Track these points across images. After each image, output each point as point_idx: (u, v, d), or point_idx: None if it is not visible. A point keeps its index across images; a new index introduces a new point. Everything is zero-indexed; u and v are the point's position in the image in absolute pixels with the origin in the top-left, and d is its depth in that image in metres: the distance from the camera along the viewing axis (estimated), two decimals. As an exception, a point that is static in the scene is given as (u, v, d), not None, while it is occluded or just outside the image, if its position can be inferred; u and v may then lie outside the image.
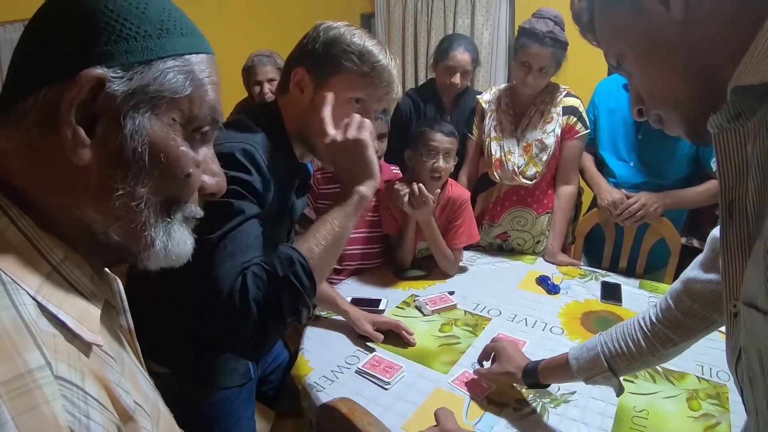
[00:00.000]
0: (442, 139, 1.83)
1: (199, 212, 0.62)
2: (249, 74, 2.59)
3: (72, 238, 0.53)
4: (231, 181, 0.98)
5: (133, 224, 0.54)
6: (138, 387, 0.58)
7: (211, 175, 0.61)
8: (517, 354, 1.28)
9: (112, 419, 0.48)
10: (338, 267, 2.02)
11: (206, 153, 0.60)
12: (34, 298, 0.46)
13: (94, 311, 0.53)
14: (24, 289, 0.46)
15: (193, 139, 0.57)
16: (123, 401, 0.51)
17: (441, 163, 1.83)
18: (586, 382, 1.13)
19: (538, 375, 1.20)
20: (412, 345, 1.53)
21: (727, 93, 0.54)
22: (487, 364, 1.35)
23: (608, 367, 1.08)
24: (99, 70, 0.49)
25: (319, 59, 1.13)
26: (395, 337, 1.56)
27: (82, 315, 0.50)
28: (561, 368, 1.16)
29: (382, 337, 1.55)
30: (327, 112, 1.12)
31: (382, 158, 2.05)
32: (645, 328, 1.06)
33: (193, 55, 0.56)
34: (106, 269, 0.62)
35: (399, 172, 2.14)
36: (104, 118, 0.51)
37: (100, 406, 0.47)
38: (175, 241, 0.58)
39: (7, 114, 0.51)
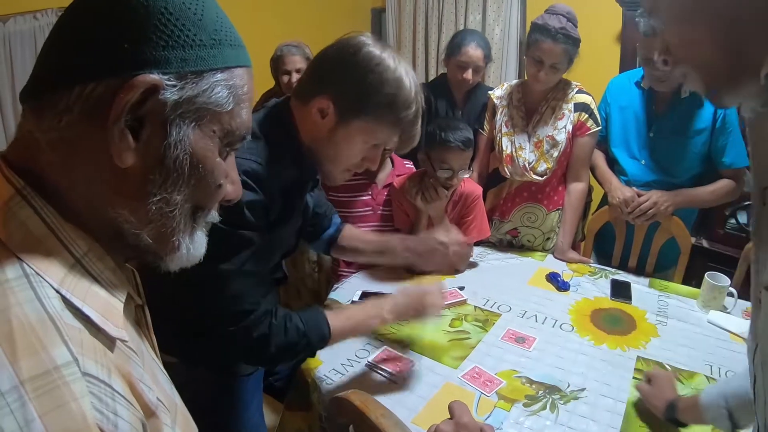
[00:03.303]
0: (459, 156, 1.81)
1: (217, 217, 0.63)
2: (277, 64, 2.61)
3: (96, 232, 0.52)
4: (241, 207, 1.06)
5: (164, 228, 0.55)
6: (157, 382, 0.58)
7: (231, 183, 0.62)
8: (668, 389, 1.25)
9: (137, 415, 0.47)
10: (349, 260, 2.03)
11: (230, 161, 0.61)
12: (57, 291, 0.45)
13: (117, 305, 0.52)
14: (47, 282, 0.45)
15: (224, 150, 0.58)
16: (146, 397, 0.50)
17: (455, 180, 1.83)
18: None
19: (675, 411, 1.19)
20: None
21: (752, 68, 0.55)
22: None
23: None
24: (155, 76, 0.48)
25: (349, 98, 1.10)
26: (406, 331, 1.57)
27: (106, 309, 0.50)
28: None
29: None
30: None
31: (393, 151, 2.05)
32: None
33: (237, 68, 0.56)
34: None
35: (412, 166, 2.14)
36: (151, 123, 0.50)
37: (127, 402, 0.46)
38: (196, 245, 0.59)
39: (42, 103, 0.49)
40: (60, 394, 0.40)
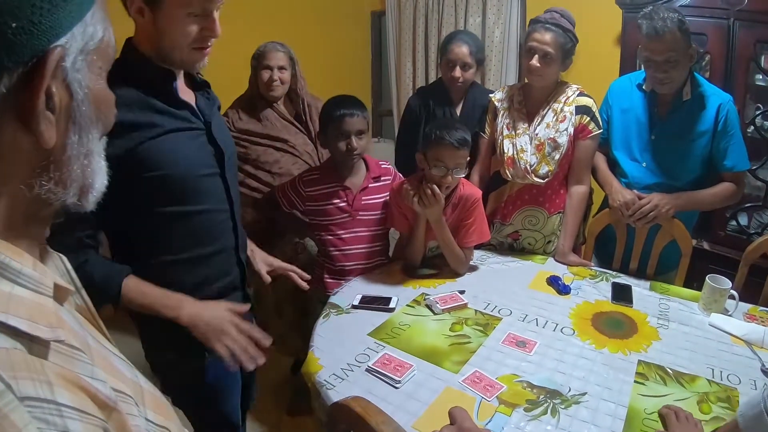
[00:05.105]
0: (453, 154, 1.80)
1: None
2: (259, 60, 2.49)
3: (3, 229, 0.48)
4: None
5: (86, 180, 0.53)
6: (112, 369, 0.55)
7: None
8: (692, 420, 1.22)
9: (94, 422, 0.44)
10: (345, 268, 2.01)
11: None
12: None
13: (46, 302, 0.47)
14: None
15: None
16: (102, 394, 0.47)
17: (449, 178, 1.82)
18: None
19: None
20: (305, 288, 1.63)
21: None
22: None
23: None
24: (58, 50, 0.45)
25: None
26: (406, 336, 1.56)
27: (35, 311, 0.45)
28: None
29: (269, 279, 1.58)
30: None
31: (362, 154, 1.97)
32: None
33: None
34: (48, 248, 0.59)
35: (389, 166, 2.11)
36: (57, 90, 0.47)
37: (79, 413, 0.43)
38: (104, 174, 0.57)
39: None
40: (1, 430, 0.36)
